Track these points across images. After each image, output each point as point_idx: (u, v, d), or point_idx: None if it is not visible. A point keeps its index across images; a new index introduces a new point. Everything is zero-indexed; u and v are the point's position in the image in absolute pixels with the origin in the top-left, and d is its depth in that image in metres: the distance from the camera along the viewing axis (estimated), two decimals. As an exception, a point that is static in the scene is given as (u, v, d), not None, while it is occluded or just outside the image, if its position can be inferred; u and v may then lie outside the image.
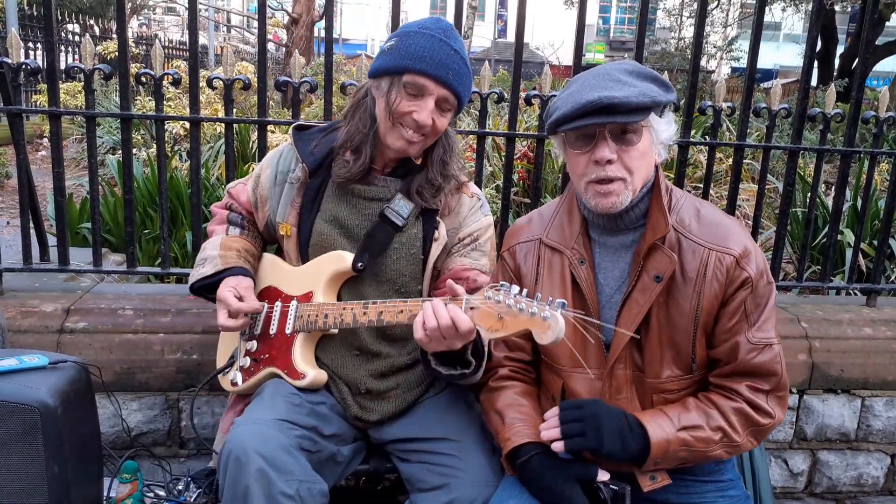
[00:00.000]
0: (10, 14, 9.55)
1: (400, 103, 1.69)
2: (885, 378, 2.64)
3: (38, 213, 2.75)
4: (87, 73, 2.37)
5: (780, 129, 6.75)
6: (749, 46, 2.63)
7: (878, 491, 2.74)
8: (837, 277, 3.86)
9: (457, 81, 1.70)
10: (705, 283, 1.51)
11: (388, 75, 1.70)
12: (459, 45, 1.72)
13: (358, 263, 1.78)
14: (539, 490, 1.52)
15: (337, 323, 1.74)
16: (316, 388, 1.80)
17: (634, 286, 1.55)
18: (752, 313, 1.52)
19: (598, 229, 1.63)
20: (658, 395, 1.58)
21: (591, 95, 1.43)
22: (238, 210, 2.01)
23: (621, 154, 1.49)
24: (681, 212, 1.57)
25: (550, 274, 1.65)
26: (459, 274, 1.82)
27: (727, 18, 19.46)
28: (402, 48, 1.69)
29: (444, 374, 1.64)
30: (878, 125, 2.73)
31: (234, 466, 1.54)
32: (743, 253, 1.52)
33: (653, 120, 1.50)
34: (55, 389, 1.69)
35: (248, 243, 1.96)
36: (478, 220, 1.88)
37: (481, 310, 1.44)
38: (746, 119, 2.66)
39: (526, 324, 1.36)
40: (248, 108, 7.73)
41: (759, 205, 2.78)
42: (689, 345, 1.54)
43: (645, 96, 1.44)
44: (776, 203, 4.81)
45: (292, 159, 1.88)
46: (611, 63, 1.60)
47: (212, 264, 1.87)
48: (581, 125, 1.46)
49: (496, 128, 5.59)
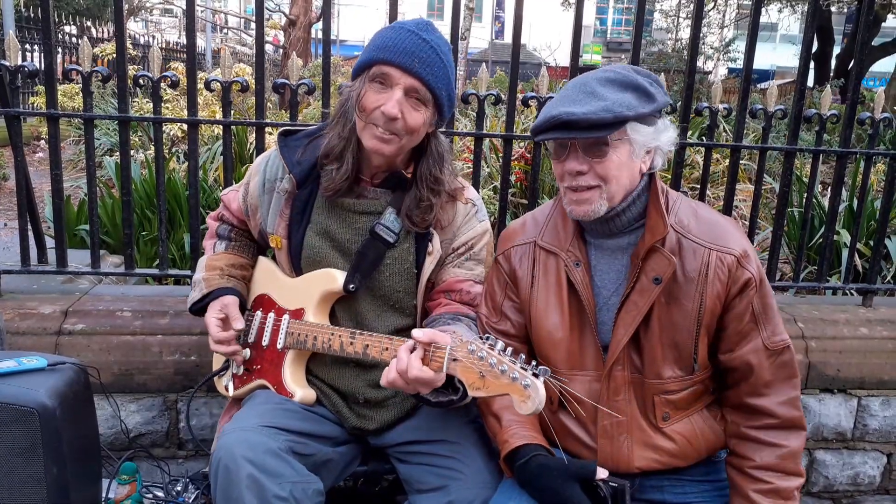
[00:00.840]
0: (6, 16, 9.54)
1: (366, 96, 1.62)
2: (882, 377, 2.65)
3: (35, 215, 2.75)
4: (85, 75, 2.37)
5: (776, 129, 6.77)
6: (745, 47, 2.64)
7: (875, 490, 2.75)
8: (834, 278, 3.87)
9: (425, 70, 1.60)
10: (707, 282, 1.52)
11: (360, 72, 1.65)
12: (434, 38, 1.64)
13: (350, 285, 1.74)
14: (538, 490, 1.52)
15: (325, 348, 1.72)
16: (305, 405, 1.80)
17: (633, 288, 1.55)
18: (762, 316, 1.55)
19: (593, 233, 1.63)
20: (660, 395, 1.58)
21: (555, 110, 1.45)
22: (228, 220, 1.99)
23: (594, 165, 1.49)
24: (679, 213, 1.58)
25: (546, 277, 1.65)
26: (452, 286, 1.79)
27: (724, 20, 19.52)
28: (370, 44, 1.65)
29: (432, 401, 1.56)
30: (874, 126, 2.74)
31: (224, 474, 1.53)
32: (743, 253, 1.53)
33: (631, 130, 1.48)
34: (54, 391, 1.69)
35: (233, 256, 1.94)
36: (473, 228, 1.82)
37: (463, 363, 1.40)
38: (743, 120, 2.66)
39: (507, 388, 1.33)
40: (246, 110, 7.73)
41: (756, 205, 2.79)
42: (692, 345, 1.55)
43: (607, 112, 1.42)
44: (773, 204, 4.82)
45: (279, 167, 1.82)
46: (596, 70, 1.57)
47: (198, 289, 1.88)
48: (545, 138, 1.48)
49: (493, 129, 5.60)
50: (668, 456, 1.60)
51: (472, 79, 14.31)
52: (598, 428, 1.60)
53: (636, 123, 1.48)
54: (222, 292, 1.85)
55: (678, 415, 1.60)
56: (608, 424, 1.59)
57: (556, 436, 1.66)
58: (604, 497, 1.48)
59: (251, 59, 5.00)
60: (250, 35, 15.82)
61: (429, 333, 1.47)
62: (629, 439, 1.59)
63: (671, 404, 1.59)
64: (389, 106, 1.59)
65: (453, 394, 1.54)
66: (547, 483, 1.50)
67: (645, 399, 1.59)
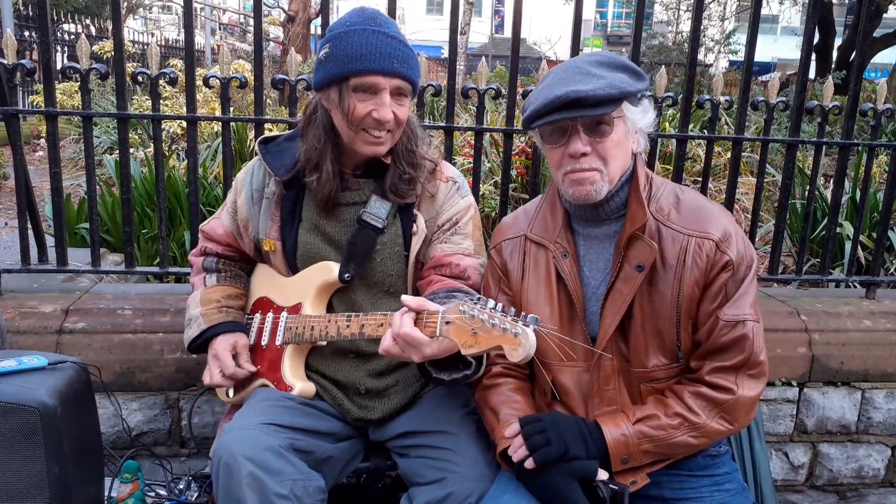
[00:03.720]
0: (5, 15, 9.53)
1: (356, 108, 1.62)
2: (885, 370, 2.64)
3: (35, 214, 2.74)
4: (83, 72, 2.36)
5: (777, 122, 6.74)
6: (747, 40, 2.62)
7: (879, 483, 2.75)
8: (837, 270, 3.86)
9: (405, 68, 1.63)
10: (685, 269, 1.52)
11: (335, 84, 1.63)
12: (394, 30, 1.65)
13: (345, 274, 1.76)
14: (538, 488, 1.52)
15: (322, 335, 1.74)
16: (304, 398, 1.80)
17: (617, 276, 1.56)
18: (731, 293, 1.53)
19: (581, 221, 1.64)
20: (646, 384, 1.58)
21: (558, 91, 1.45)
22: (213, 251, 1.98)
23: (595, 146, 1.51)
24: (660, 200, 1.58)
25: (536, 269, 1.67)
26: (441, 261, 1.79)
27: (724, 12, 19.45)
28: (338, 54, 1.62)
29: (446, 380, 1.60)
30: (876, 117, 2.73)
31: (225, 473, 1.54)
32: (723, 237, 1.52)
33: (626, 109, 1.51)
34: (54, 390, 1.68)
35: (227, 288, 1.94)
36: (456, 204, 1.82)
37: (456, 324, 1.41)
38: (744, 112, 2.65)
39: (498, 340, 1.35)
40: (246, 107, 7.71)
41: (758, 198, 2.78)
42: (674, 332, 1.55)
43: (612, 87, 1.45)
44: (775, 196, 4.81)
45: (264, 174, 1.84)
46: (582, 55, 1.60)
47: (196, 325, 1.87)
48: (551, 120, 1.48)
49: (494, 124, 5.59)
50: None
51: (471, 73, 14.27)
52: (589, 418, 1.60)
53: (627, 103, 1.51)
54: (231, 327, 1.86)
55: None
56: (599, 414, 1.59)
57: None
58: (603, 498, 1.48)
59: (251, 55, 4.99)
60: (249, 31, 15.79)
61: (418, 300, 1.49)
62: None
63: (658, 393, 1.58)
64: (383, 112, 1.63)
65: (466, 369, 1.57)
66: (547, 481, 1.50)
67: (633, 388, 1.60)
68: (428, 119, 6.63)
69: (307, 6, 13.37)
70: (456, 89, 2.53)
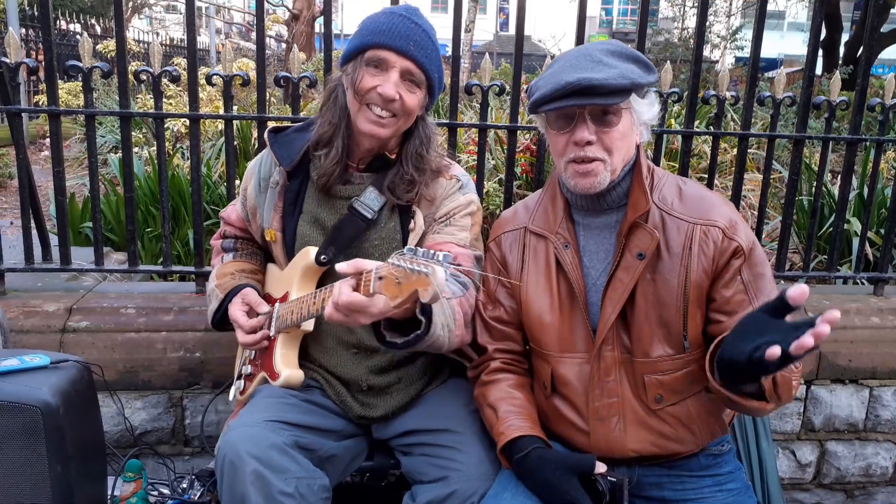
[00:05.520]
0: (10, 14, 9.55)
1: (363, 79, 1.63)
2: (894, 367, 2.61)
3: (39, 213, 2.74)
4: (86, 71, 2.36)
5: (784, 118, 6.70)
6: (753, 35, 2.60)
7: (888, 481, 2.72)
8: (844, 267, 3.83)
9: (419, 53, 1.64)
10: (692, 256, 1.51)
11: (353, 58, 1.67)
12: (424, 23, 1.67)
13: (321, 256, 1.73)
14: (537, 483, 1.51)
15: (301, 316, 1.68)
16: (292, 386, 1.77)
17: (618, 265, 1.55)
18: (752, 285, 1.51)
19: (581, 211, 1.63)
20: (650, 375, 1.56)
21: (570, 77, 1.43)
22: (231, 234, 2.02)
23: (601, 135, 1.49)
24: (663, 190, 1.58)
25: (536, 260, 1.66)
26: (432, 248, 1.77)
27: (730, 8, 19.35)
28: (362, 29, 1.67)
29: (399, 343, 1.46)
30: (884, 112, 2.70)
31: (229, 471, 1.53)
32: (728, 224, 1.52)
33: (633, 101, 1.50)
34: (57, 389, 1.68)
35: (242, 263, 1.97)
36: (455, 200, 1.79)
37: (387, 279, 1.33)
38: (750, 108, 2.63)
39: (415, 284, 1.27)
40: (250, 105, 7.71)
41: (765, 194, 2.76)
42: (680, 322, 1.53)
43: (624, 78, 1.44)
44: (782, 193, 4.77)
45: (271, 164, 1.85)
46: (593, 43, 1.59)
47: (215, 297, 1.88)
48: (560, 106, 1.46)
49: (498, 121, 5.57)
50: (664, 439, 1.58)
51: (476, 71, 14.26)
52: (589, 410, 1.59)
53: (635, 95, 1.50)
54: (236, 291, 1.86)
55: (673, 398, 1.57)
56: (600, 406, 1.58)
57: (550, 421, 1.66)
58: (602, 491, 1.47)
59: (254, 53, 4.99)
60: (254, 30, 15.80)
61: (353, 262, 1.38)
62: (622, 421, 1.57)
63: (663, 386, 1.56)
64: (388, 88, 1.62)
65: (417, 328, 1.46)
66: (545, 476, 1.49)
67: (636, 380, 1.57)
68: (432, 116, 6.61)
69: (311, 4, 13.37)
70: (459, 86, 2.51)
